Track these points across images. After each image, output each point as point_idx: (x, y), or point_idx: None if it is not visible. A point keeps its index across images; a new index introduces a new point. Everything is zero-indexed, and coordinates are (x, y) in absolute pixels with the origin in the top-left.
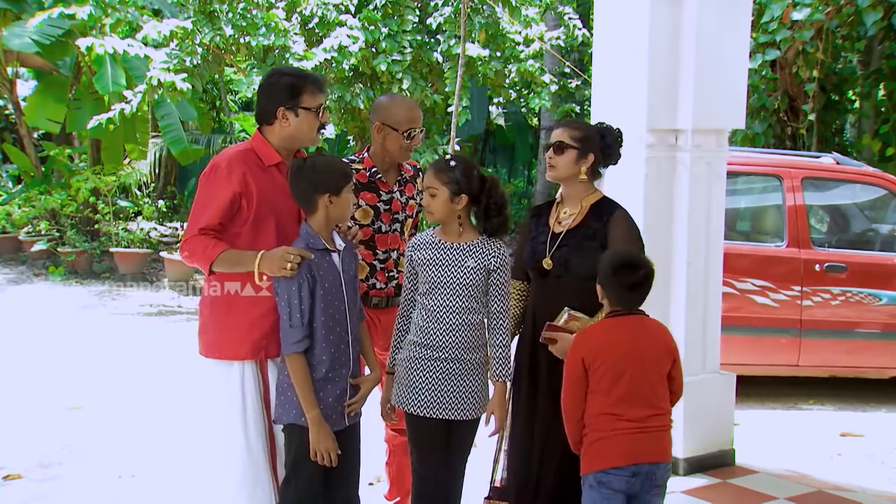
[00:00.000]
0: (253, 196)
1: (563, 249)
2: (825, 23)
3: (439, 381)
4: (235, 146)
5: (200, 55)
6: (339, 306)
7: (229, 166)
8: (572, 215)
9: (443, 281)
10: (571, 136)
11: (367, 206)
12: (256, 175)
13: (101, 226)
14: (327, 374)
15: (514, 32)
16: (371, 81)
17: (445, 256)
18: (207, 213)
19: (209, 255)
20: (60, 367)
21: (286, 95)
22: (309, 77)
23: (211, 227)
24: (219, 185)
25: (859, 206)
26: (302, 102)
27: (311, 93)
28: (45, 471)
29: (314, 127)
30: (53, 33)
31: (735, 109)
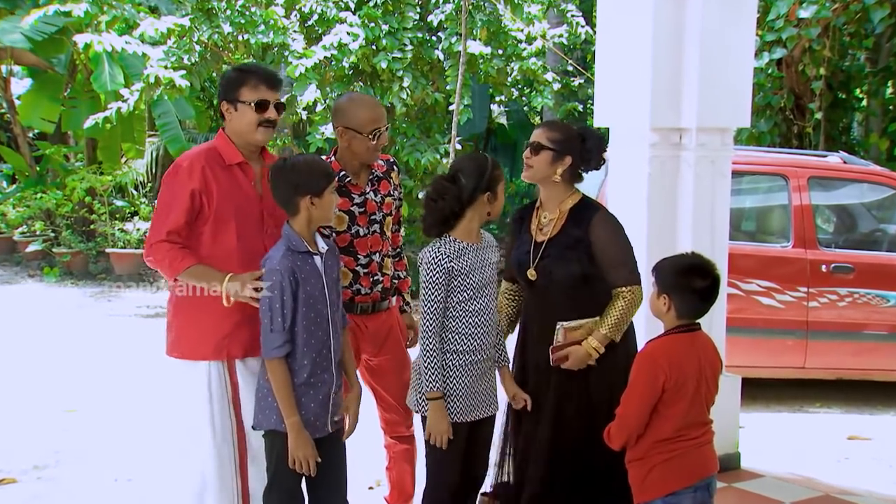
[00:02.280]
0: (213, 194)
1: (546, 260)
2: (832, 20)
3: (470, 384)
4: (199, 145)
5: (198, 53)
6: (321, 310)
7: (190, 165)
8: (552, 221)
9: (483, 282)
10: (549, 137)
11: (341, 213)
12: (217, 173)
13: (97, 226)
14: (308, 380)
15: (517, 30)
16: (371, 79)
17: (480, 258)
18: (172, 215)
19: (175, 267)
20: (55, 370)
21: (227, 88)
22: (254, 71)
23: (176, 230)
24: (180, 184)
25: (867, 205)
26: (240, 96)
27: (251, 86)
28: (39, 474)
29: (252, 122)
30: (48, 30)
31: (740, 108)
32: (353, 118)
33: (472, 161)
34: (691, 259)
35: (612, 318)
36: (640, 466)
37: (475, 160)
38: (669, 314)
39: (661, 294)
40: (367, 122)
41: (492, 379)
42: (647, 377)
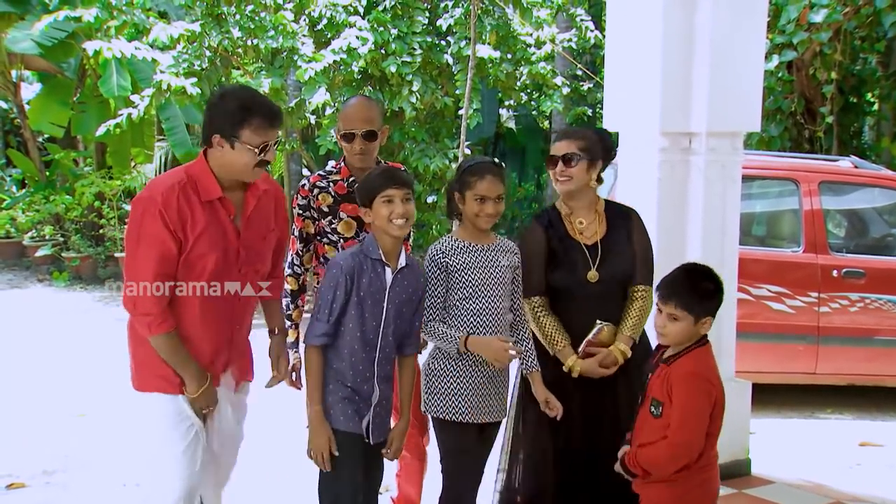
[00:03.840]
0: (188, 237)
1: (608, 260)
2: (843, 24)
3: (480, 385)
4: (169, 176)
5: (208, 58)
6: (370, 321)
7: (165, 200)
8: (591, 224)
9: (485, 282)
10: (578, 146)
11: (350, 218)
12: (194, 210)
13: (106, 230)
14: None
15: (526, 34)
16: (380, 84)
17: (481, 258)
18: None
19: (153, 327)
20: (65, 374)
21: (226, 123)
22: (259, 109)
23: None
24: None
25: (878, 210)
26: (241, 136)
27: (255, 128)
28: (48, 479)
29: (250, 164)
30: (58, 36)
31: (750, 112)
32: (340, 120)
33: (464, 160)
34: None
35: (633, 319)
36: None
37: (468, 159)
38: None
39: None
40: (343, 123)
41: (500, 384)
42: (705, 399)
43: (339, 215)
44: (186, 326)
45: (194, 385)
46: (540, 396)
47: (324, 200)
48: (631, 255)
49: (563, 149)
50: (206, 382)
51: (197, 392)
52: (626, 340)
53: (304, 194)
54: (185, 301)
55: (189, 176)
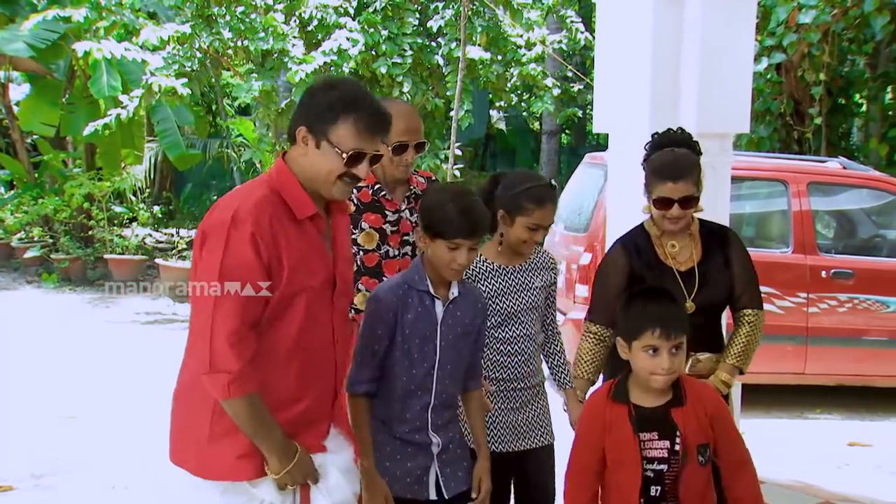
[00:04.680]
0: (283, 267)
1: (705, 288)
2: (831, 25)
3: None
4: (250, 189)
5: (198, 60)
6: (421, 363)
7: (256, 220)
8: (685, 247)
9: (516, 309)
10: (695, 182)
11: (371, 229)
12: (288, 231)
13: (96, 232)
14: (398, 432)
15: (516, 36)
16: (371, 85)
17: (513, 282)
18: (231, 312)
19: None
20: (54, 376)
21: (317, 114)
22: (363, 106)
23: (250, 322)
24: (242, 248)
25: (866, 211)
26: (331, 134)
27: (352, 129)
28: (37, 482)
29: (333, 174)
30: (47, 37)
31: (739, 113)
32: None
33: (517, 175)
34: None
35: (739, 346)
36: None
37: (522, 175)
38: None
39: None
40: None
41: (539, 407)
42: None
43: (360, 225)
44: (275, 383)
45: (279, 462)
46: (572, 416)
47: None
48: (729, 281)
49: (682, 191)
50: (293, 457)
51: (282, 471)
52: (731, 370)
53: None
54: (274, 350)
55: (273, 189)
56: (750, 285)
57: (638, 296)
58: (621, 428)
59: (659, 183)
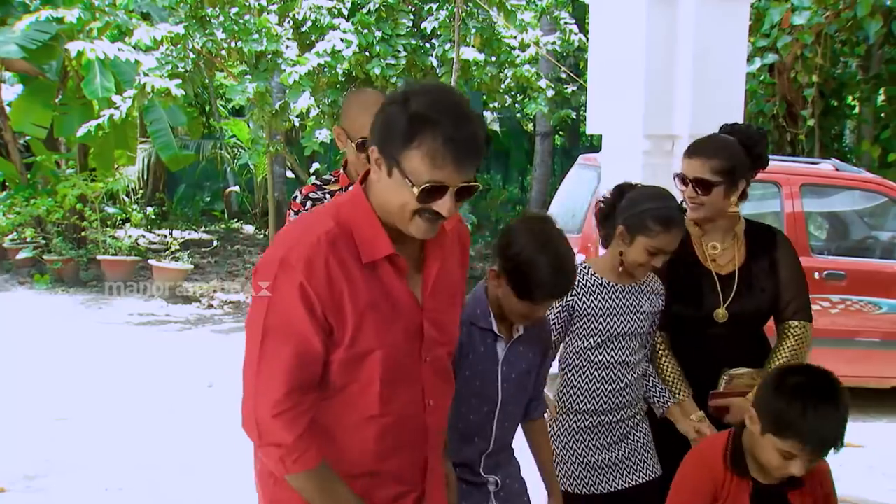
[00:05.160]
0: (347, 323)
1: (744, 296)
2: (824, 27)
3: (615, 446)
4: (311, 223)
5: (192, 60)
6: (480, 406)
7: (307, 264)
8: (728, 249)
9: (618, 332)
10: (713, 168)
11: None
12: (353, 276)
13: (88, 233)
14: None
15: (510, 37)
16: (364, 86)
17: (620, 302)
18: (277, 375)
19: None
20: (46, 378)
21: (387, 131)
22: (446, 128)
23: (299, 387)
24: (287, 319)
25: (859, 212)
26: (402, 159)
27: (426, 153)
28: (29, 484)
29: (406, 209)
30: (40, 38)
31: (732, 115)
32: (347, 117)
33: (645, 191)
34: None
35: (783, 361)
36: None
37: (651, 192)
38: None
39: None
40: (357, 125)
41: (640, 438)
42: None
43: None
44: (348, 452)
45: None
46: (687, 430)
47: None
48: (774, 288)
49: (694, 170)
50: None
51: None
52: None
53: (297, 208)
54: (346, 416)
55: (342, 222)
56: (798, 294)
57: (802, 391)
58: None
59: (684, 159)
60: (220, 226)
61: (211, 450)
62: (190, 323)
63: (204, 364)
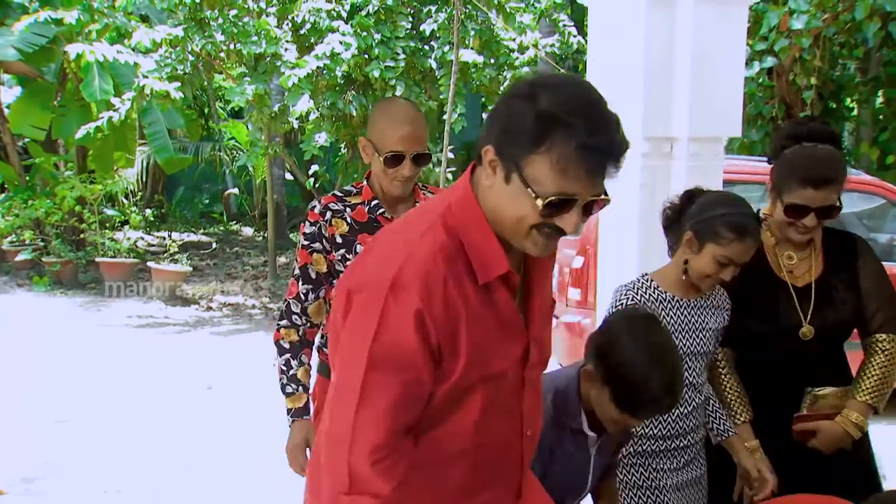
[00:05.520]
0: (460, 353)
1: (825, 309)
2: (823, 30)
3: (681, 471)
4: (426, 226)
5: (191, 63)
6: (566, 493)
7: (424, 287)
8: (805, 259)
9: (686, 351)
10: (839, 190)
11: None
12: (471, 303)
13: (87, 235)
14: None
15: (509, 39)
16: (364, 88)
17: (686, 319)
18: (379, 416)
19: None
20: (45, 380)
21: (508, 130)
22: (582, 130)
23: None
24: (398, 353)
25: (857, 215)
26: (525, 165)
27: (555, 160)
28: (28, 486)
29: (524, 222)
30: (38, 40)
31: (731, 117)
32: (376, 129)
33: (717, 196)
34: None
35: (873, 380)
36: None
37: (724, 197)
38: None
39: None
40: (385, 139)
41: (698, 468)
42: None
43: (354, 249)
44: (439, 494)
45: None
46: (748, 466)
47: (337, 227)
48: (856, 300)
49: (824, 199)
50: None
51: None
52: (863, 409)
53: (314, 219)
54: (437, 453)
55: (452, 231)
56: (885, 305)
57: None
58: None
59: (797, 187)
60: (218, 228)
61: (209, 452)
62: (189, 325)
63: (203, 366)
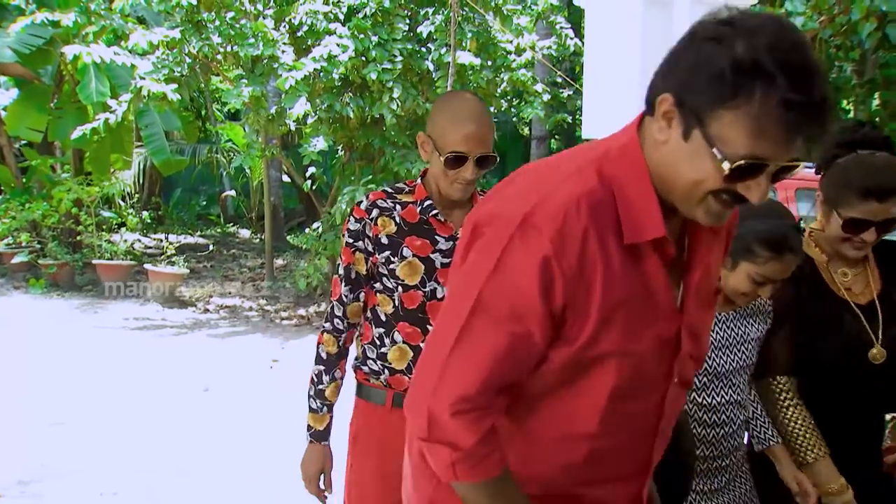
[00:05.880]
0: (589, 317)
1: (890, 329)
2: (819, 32)
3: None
4: (575, 167)
5: (188, 65)
6: None
7: (559, 232)
8: (858, 275)
9: (726, 369)
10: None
11: (416, 259)
12: (612, 264)
13: (84, 237)
14: None
15: (506, 41)
16: (361, 90)
17: (724, 334)
18: (478, 363)
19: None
20: (42, 382)
21: (694, 77)
22: (788, 81)
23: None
24: (518, 288)
25: None
26: (711, 120)
27: (754, 116)
28: (24, 489)
29: (701, 186)
30: (35, 42)
31: None
32: (437, 126)
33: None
34: None
35: None
36: None
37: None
38: None
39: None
40: (449, 138)
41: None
42: None
43: (401, 252)
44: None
45: None
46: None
47: (384, 227)
48: None
49: (885, 212)
50: None
51: None
52: None
53: (359, 216)
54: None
55: (606, 180)
56: None
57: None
58: None
59: (858, 200)
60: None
61: (206, 454)
62: (186, 327)
63: (200, 368)
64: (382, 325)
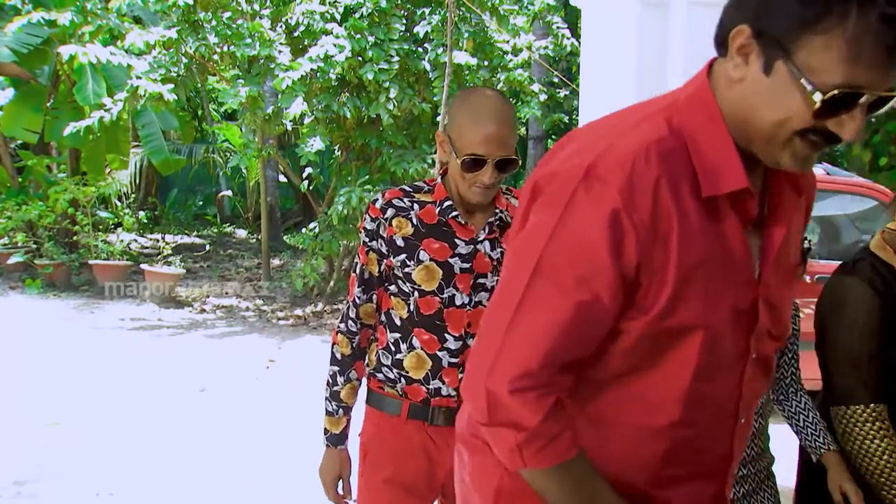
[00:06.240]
0: (666, 283)
1: None
2: None
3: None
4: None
5: (185, 65)
6: None
7: (628, 183)
8: None
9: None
10: None
11: (433, 263)
12: (689, 220)
13: (80, 237)
14: None
15: (503, 41)
16: (358, 90)
17: None
18: (542, 335)
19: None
20: (38, 383)
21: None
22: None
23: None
24: (584, 248)
25: (850, 216)
26: (799, 48)
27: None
28: (20, 489)
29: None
30: (31, 41)
31: None
32: (455, 125)
33: None
34: None
35: None
36: None
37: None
38: None
39: None
40: (467, 139)
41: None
42: None
43: (417, 255)
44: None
45: None
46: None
47: (399, 228)
48: None
49: None
50: None
51: None
52: None
53: (375, 214)
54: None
55: (676, 128)
56: None
57: None
58: None
59: None
60: (212, 230)
61: (203, 455)
62: (182, 328)
63: (196, 369)
64: (398, 330)
